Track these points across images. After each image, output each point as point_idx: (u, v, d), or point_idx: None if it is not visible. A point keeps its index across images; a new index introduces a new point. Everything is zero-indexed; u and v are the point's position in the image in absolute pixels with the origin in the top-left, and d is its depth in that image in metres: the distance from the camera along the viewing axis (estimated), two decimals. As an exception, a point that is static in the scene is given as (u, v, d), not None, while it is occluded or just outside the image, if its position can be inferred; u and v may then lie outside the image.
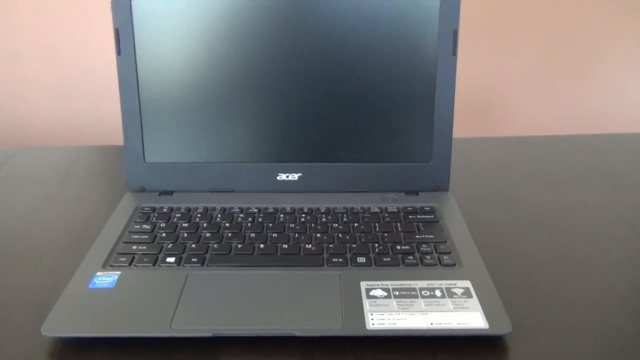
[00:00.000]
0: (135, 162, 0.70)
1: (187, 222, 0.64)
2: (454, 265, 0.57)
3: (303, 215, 0.66)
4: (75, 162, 0.88)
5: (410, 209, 0.67)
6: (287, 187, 0.71)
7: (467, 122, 1.17)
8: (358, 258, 0.58)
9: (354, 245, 0.60)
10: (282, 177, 0.71)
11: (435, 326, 0.48)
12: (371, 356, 0.47)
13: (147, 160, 0.70)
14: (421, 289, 0.53)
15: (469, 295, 0.52)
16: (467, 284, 0.54)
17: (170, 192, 0.71)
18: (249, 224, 0.64)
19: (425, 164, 0.70)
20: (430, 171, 0.71)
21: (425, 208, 0.67)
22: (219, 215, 0.65)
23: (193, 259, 0.57)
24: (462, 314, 0.50)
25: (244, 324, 0.49)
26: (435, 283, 0.54)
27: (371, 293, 0.52)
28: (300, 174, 0.71)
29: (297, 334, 0.48)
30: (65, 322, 0.49)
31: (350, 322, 0.49)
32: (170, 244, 0.60)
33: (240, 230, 0.63)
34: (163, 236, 0.61)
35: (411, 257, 0.58)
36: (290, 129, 0.70)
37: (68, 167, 0.86)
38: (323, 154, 0.70)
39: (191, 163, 0.70)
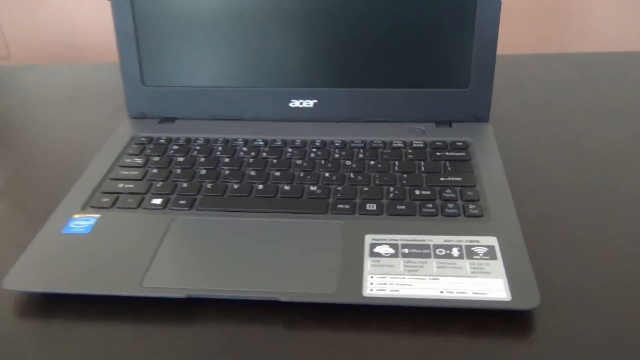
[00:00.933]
0: (134, 86, 0.63)
1: (183, 156, 0.57)
2: (481, 216, 0.48)
3: (314, 149, 0.57)
4: (84, 81, 0.82)
5: (439, 143, 0.57)
6: (301, 115, 0.62)
7: (518, 35, 1.02)
8: (368, 205, 0.49)
9: (366, 189, 0.51)
10: (296, 103, 0.62)
11: (446, 295, 0.41)
12: (366, 328, 0.40)
13: (146, 84, 0.63)
14: (436, 247, 0.45)
15: (493, 257, 0.43)
16: (492, 241, 0.45)
17: (172, 120, 0.64)
18: (251, 160, 0.56)
19: (462, 89, 0.60)
20: (467, 98, 0.60)
21: (457, 143, 0.57)
22: (220, 149, 0.58)
23: (181, 201, 0.51)
24: (481, 281, 0.41)
25: (222, 284, 0.42)
26: (454, 239, 0.45)
27: (376, 250, 0.45)
28: (315, 101, 0.62)
29: (281, 298, 0.41)
30: (29, 275, 0.44)
31: (346, 287, 0.42)
32: (160, 182, 0.54)
33: (240, 167, 0.55)
34: (154, 172, 0.55)
35: (430, 205, 0.49)
36: (306, 48, 0.60)
37: (76, 87, 0.80)
38: (342, 78, 0.61)
39: (195, 87, 0.63)
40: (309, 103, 0.62)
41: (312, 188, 0.52)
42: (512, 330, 0.39)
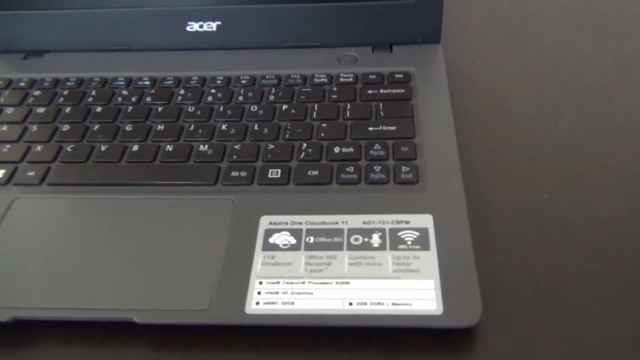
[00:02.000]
0: (-14, 12, 0.49)
1: (44, 106, 0.45)
2: (415, 182, 0.36)
3: (213, 90, 0.45)
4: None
5: (373, 77, 0.45)
6: (202, 41, 0.49)
7: None
8: (271, 170, 0.38)
9: (271, 146, 0.39)
10: (195, 27, 0.48)
11: (355, 309, 0.30)
12: (250, 355, 0.30)
13: (4, 9, 0.49)
14: (351, 232, 0.34)
15: (425, 246, 0.33)
16: (426, 221, 0.34)
17: (41, 53, 0.50)
18: (130, 108, 0.44)
19: (405, 1, 0.46)
20: (412, 12, 0.47)
21: (397, 75, 0.45)
22: (93, 93, 0.45)
23: (29, 173, 0.39)
24: (406, 284, 0.31)
25: (61, 301, 0.32)
26: (377, 220, 0.34)
27: (272, 240, 0.34)
28: (219, 22, 0.48)
29: (135, 320, 0.30)
30: None
31: (222, 301, 0.31)
32: (7, 146, 0.41)
33: (115, 119, 0.43)
34: (3, 131, 0.43)
35: (351, 169, 0.37)
36: (202, -49, 0.46)
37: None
38: (251, -9, 0.47)
39: (66, 10, 0.49)
40: (211, 26, 0.48)
41: (203, 147, 0.40)
42: (443, 355, 0.29)
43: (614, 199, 0.36)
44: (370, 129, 0.40)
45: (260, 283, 0.31)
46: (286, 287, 0.31)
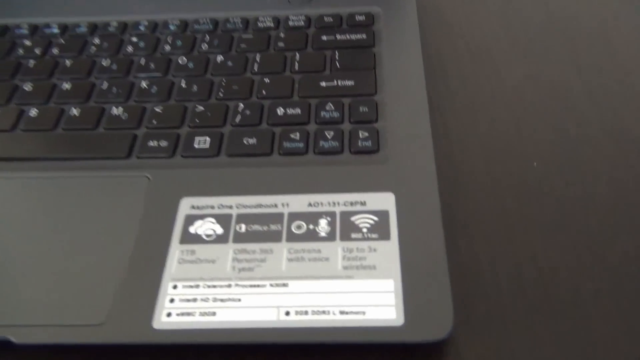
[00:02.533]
0: None
1: None
2: (376, 151, 0.29)
3: (134, 38, 0.37)
4: None
5: (329, 19, 0.37)
6: (125, -21, 0.40)
7: None
8: (198, 139, 0.30)
9: (200, 108, 0.32)
10: (115, -40, 0.40)
11: (293, 320, 0.23)
12: (159, 382, 0.24)
13: None
14: (292, 218, 0.27)
15: (384, 234, 0.26)
16: (387, 201, 0.27)
17: None
18: (32, 63, 0.36)
19: None
20: (376, -60, 0.38)
21: (357, 17, 0.37)
22: (-11, 44, 0.37)
23: None
24: (358, 285, 0.24)
25: None
26: (325, 200, 0.27)
27: (193, 229, 0.27)
28: (144, -45, 0.40)
29: (13, 339, 0.24)
30: None
31: (124, 313, 0.24)
32: None
33: (13, 77, 0.35)
34: None
35: (297, 135, 0.30)
36: None
37: None
38: None
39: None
40: (135, -41, 0.40)
41: (116, 111, 0.32)
42: (404, 378, 0.23)
43: (619, 169, 0.29)
44: (323, 84, 0.33)
45: (175, 287, 0.25)
46: (207, 292, 0.24)
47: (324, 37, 0.36)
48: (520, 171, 0.30)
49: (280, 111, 0.31)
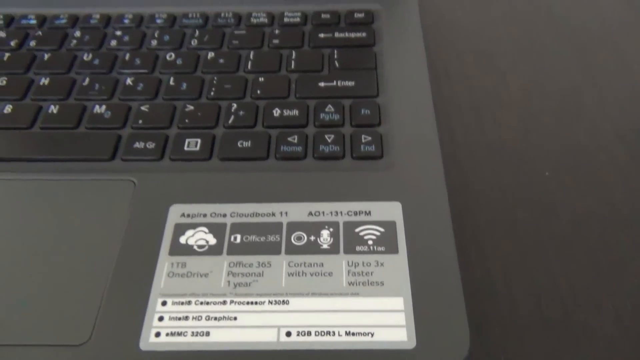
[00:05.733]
0: None
1: None
2: (379, 157, 0.27)
3: (119, 32, 0.34)
4: None
5: (327, 16, 0.35)
6: (109, -32, 0.38)
7: None
8: (188, 140, 0.28)
9: (190, 108, 0.30)
10: (98, -51, 0.37)
11: (295, 341, 0.21)
12: (147, 410, 0.21)
13: None
14: (292, 228, 0.25)
15: (392, 247, 0.24)
16: (393, 211, 0.25)
17: None
18: (7, 56, 0.33)
19: None
20: None
21: (356, 15, 0.35)
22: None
23: None
24: (365, 303, 0.22)
25: None
26: (327, 209, 0.25)
27: (184, 239, 0.25)
28: (129, -56, 0.37)
29: (-18, 362, 0.21)
30: None
31: (109, 332, 0.22)
32: None
33: (-14, 70, 0.32)
34: None
35: (294, 138, 0.28)
36: None
37: None
38: None
39: None
40: (120, -52, 0.37)
41: (98, 109, 0.30)
42: (416, 404, 0.21)
43: (634, 178, 0.28)
44: (322, 84, 0.31)
45: (164, 304, 0.22)
46: (200, 309, 0.22)
47: (322, 35, 0.34)
48: (531, 180, 0.28)
49: (276, 112, 0.29)
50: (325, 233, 0.25)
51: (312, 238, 0.24)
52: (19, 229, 0.25)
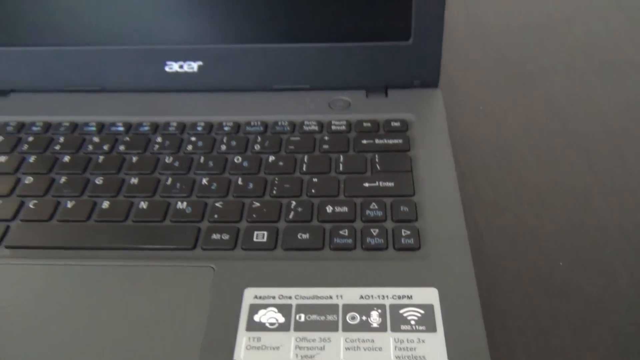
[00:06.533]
0: (-55, 48, 0.45)
1: (6, 154, 0.40)
2: (417, 249, 0.33)
3: (193, 137, 0.41)
4: None
5: (368, 124, 0.41)
6: (182, 82, 0.45)
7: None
8: (256, 233, 0.34)
9: (257, 204, 0.36)
10: (174, 67, 0.45)
11: (354, 406, 0.26)
12: None
13: (-37, 45, 0.45)
14: (347, 309, 0.30)
15: (431, 326, 0.29)
16: (431, 296, 0.30)
17: (7, 93, 0.46)
18: (102, 158, 0.40)
19: (401, 42, 0.43)
20: (408, 54, 0.43)
21: (393, 123, 0.41)
22: (61, 140, 0.41)
23: (-15, 234, 0.35)
24: (410, 373, 0.27)
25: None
26: (376, 294, 0.30)
27: (258, 317, 0.30)
28: (200, 63, 0.45)
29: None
30: None
31: (200, 394, 0.27)
32: (-38, 200, 0.37)
33: (84, 171, 0.39)
34: (-42, 183, 0.38)
35: (345, 232, 0.34)
36: (183, -13, 0.42)
37: None
38: (236, 30, 0.43)
39: (33, 47, 0.45)
40: (192, 66, 0.45)
41: (181, 205, 0.36)
42: None
43: (635, 270, 0.33)
44: (366, 185, 0.37)
45: (244, 372, 0.27)
46: (273, 377, 0.27)
47: (364, 141, 0.40)
48: (547, 269, 0.33)
49: (329, 209, 0.35)
50: (374, 314, 0.30)
51: (364, 318, 0.29)
52: (117, 307, 0.30)
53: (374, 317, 0.29)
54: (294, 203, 0.36)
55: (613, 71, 0.48)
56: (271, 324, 0.29)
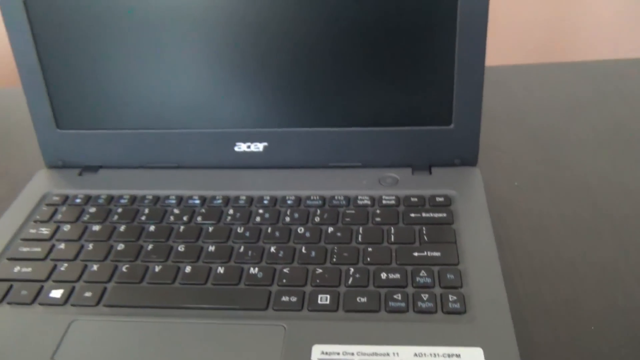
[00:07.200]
0: (47, 131, 0.52)
1: (99, 223, 0.47)
2: (463, 312, 0.37)
3: (261, 211, 0.47)
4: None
5: (415, 199, 0.47)
6: (249, 160, 0.51)
7: (511, 47, 0.90)
8: (320, 296, 0.39)
9: (320, 270, 0.41)
10: (242, 147, 0.51)
11: None
12: None
13: (61, 128, 0.52)
14: (403, 365, 0.34)
15: (477, 382, 0.33)
16: (477, 355, 0.34)
17: (96, 169, 0.53)
18: (182, 228, 0.45)
19: (442, 127, 0.49)
20: (450, 137, 0.49)
21: (438, 199, 0.46)
22: (146, 211, 0.47)
23: (87, 293, 0.40)
24: (461, 423, 0.31)
25: None
26: (427, 352, 0.35)
27: (324, 371, 0.34)
28: (266, 144, 0.51)
29: None
30: None
31: None
32: (66, 264, 0.43)
33: (168, 239, 0.45)
34: (61, 249, 0.45)
35: (399, 296, 0.38)
36: (253, 80, 0.49)
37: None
38: (297, 116, 0.50)
39: (119, 130, 0.52)
40: (258, 147, 0.51)
41: (253, 270, 0.41)
42: None
43: (662, 333, 0.36)
44: (415, 254, 0.41)
45: (316, 418, 0.32)
46: (341, 423, 0.32)
47: (412, 215, 0.45)
48: (580, 334, 0.37)
49: (383, 276, 0.40)
50: (427, 369, 0.34)
51: (418, 373, 0.34)
52: (208, 360, 0.35)
53: (427, 373, 0.34)
54: (352, 270, 0.41)
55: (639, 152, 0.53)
56: (337, 376, 0.34)
